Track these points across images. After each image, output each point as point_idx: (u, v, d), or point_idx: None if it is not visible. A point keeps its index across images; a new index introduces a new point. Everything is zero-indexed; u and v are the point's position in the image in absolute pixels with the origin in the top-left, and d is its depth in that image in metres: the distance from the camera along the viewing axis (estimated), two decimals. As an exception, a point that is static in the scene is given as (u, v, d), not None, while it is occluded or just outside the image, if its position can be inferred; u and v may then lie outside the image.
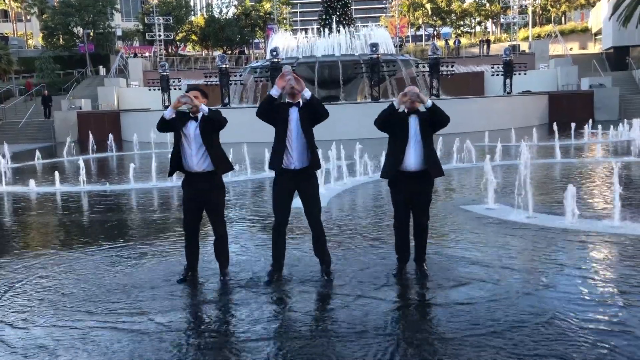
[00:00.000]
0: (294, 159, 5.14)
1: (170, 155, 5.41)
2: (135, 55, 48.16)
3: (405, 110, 5.21)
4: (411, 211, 5.36)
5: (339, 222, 7.89)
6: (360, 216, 8.40)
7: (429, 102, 5.11)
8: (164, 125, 5.22)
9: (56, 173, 12.94)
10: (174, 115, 5.18)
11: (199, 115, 5.20)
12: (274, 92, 5.11)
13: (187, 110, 5.21)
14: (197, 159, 5.20)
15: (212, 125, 5.19)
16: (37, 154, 18.94)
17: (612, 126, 18.90)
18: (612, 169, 7.06)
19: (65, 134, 28.44)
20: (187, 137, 5.19)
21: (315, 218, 5.31)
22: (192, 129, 5.20)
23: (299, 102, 5.18)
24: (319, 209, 5.35)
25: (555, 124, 18.29)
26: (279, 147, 5.16)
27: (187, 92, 5.24)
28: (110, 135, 22.92)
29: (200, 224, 5.55)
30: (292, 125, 5.11)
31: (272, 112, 5.17)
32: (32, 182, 12.55)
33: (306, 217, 5.37)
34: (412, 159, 5.15)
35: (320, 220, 5.36)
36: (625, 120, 19.68)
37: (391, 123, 5.21)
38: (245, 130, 16.04)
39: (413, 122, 5.17)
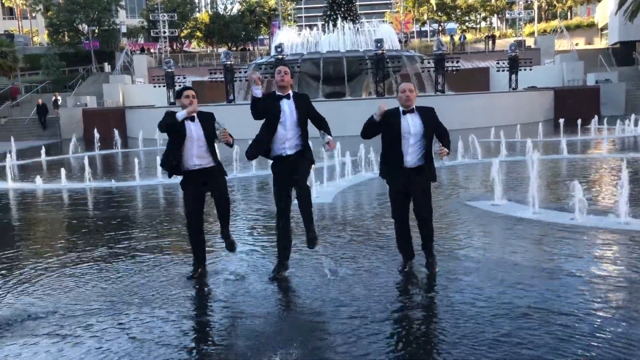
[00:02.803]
0: (286, 147, 5.15)
1: (164, 158, 5.38)
2: (142, 51, 48.18)
3: (401, 110, 5.15)
4: (413, 205, 5.26)
5: (344, 219, 7.89)
6: (364, 212, 8.39)
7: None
8: (170, 127, 5.18)
9: (62, 170, 13.00)
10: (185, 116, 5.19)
11: (195, 115, 5.25)
12: (257, 93, 5.09)
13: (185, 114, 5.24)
14: (199, 160, 5.26)
15: (211, 125, 5.25)
16: (43, 150, 19.02)
17: (618, 121, 18.82)
18: (619, 165, 7.03)
19: (70, 131, 28.53)
20: (189, 138, 5.21)
21: (301, 181, 5.15)
22: (193, 129, 5.22)
23: (288, 94, 5.21)
24: (307, 175, 5.28)
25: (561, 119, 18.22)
26: (268, 138, 5.14)
27: (181, 91, 5.27)
28: (116, 132, 22.98)
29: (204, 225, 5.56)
30: (284, 117, 5.13)
31: (263, 109, 5.15)
32: (38, 179, 12.62)
33: (293, 185, 5.20)
34: (409, 157, 5.09)
35: (306, 185, 5.23)
36: (633, 115, 19.58)
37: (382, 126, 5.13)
38: (250, 126, 16.03)
39: (410, 120, 5.11)
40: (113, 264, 6.09)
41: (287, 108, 5.16)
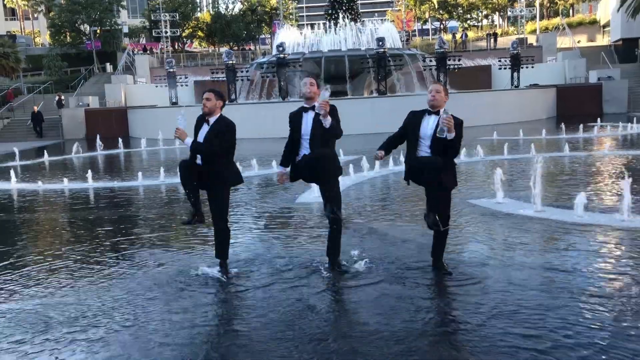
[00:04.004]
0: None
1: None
2: (145, 50, 48.30)
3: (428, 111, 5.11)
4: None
5: (346, 217, 7.87)
6: (367, 211, 8.38)
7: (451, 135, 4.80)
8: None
9: (65, 171, 13.01)
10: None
11: (211, 120, 5.16)
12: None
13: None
14: (207, 166, 5.19)
15: (217, 135, 5.11)
16: (46, 151, 19.08)
17: (620, 120, 18.79)
18: (622, 163, 7.00)
19: (73, 132, 28.62)
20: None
21: (332, 203, 5.24)
22: (201, 136, 5.17)
23: (314, 106, 5.18)
24: (339, 207, 5.31)
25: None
26: (293, 150, 5.28)
27: (202, 94, 5.24)
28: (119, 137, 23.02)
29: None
30: (305, 130, 5.18)
31: (291, 123, 5.29)
32: (39, 181, 12.65)
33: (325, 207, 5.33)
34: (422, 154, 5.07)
35: (339, 216, 5.29)
36: (635, 114, 19.54)
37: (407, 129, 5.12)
38: (251, 126, 16.05)
39: (430, 122, 5.04)
40: (106, 264, 6.09)
41: (304, 121, 5.20)
